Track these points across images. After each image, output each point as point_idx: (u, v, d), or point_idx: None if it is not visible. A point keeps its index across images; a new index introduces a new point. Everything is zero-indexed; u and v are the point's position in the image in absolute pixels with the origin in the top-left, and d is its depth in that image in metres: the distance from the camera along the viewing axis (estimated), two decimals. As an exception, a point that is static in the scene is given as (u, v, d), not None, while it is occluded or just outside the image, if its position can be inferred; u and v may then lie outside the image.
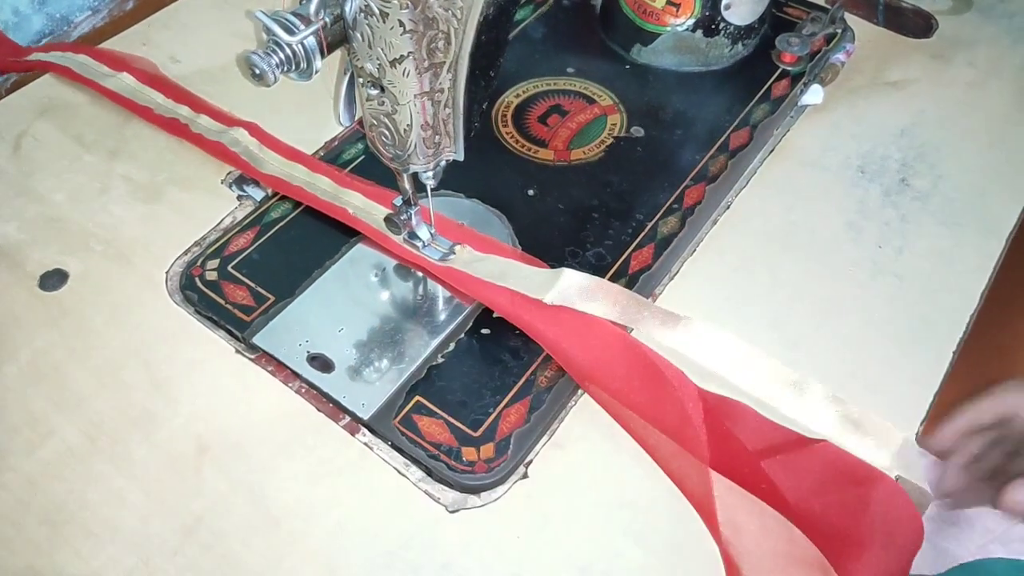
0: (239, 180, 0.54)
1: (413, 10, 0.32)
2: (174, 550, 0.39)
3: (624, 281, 0.48)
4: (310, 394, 0.44)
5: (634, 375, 0.42)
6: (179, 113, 0.56)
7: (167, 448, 0.42)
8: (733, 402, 0.42)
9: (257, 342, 0.45)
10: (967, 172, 0.55)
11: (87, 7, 0.67)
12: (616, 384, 0.42)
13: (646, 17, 0.60)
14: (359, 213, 0.49)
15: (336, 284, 0.48)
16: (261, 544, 0.39)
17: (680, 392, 0.41)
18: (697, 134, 0.57)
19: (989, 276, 0.50)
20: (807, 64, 0.60)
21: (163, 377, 0.45)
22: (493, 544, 0.39)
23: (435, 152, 0.40)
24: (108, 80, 0.58)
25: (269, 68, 0.34)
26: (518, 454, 0.41)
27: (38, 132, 0.57)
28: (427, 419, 0.42)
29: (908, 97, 0.60)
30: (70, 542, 0.39)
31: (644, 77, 0.61)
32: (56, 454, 0.42)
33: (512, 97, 0.59)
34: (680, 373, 0.42)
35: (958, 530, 1.31)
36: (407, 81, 0.35)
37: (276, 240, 0.50)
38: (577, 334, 0.43)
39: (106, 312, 0.47)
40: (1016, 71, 0.62)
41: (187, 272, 0.49)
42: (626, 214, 0.52)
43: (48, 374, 0.45)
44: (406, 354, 0.45)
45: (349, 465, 0.42)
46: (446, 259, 0.46)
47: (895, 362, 0.46)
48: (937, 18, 0.66)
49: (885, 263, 0.50)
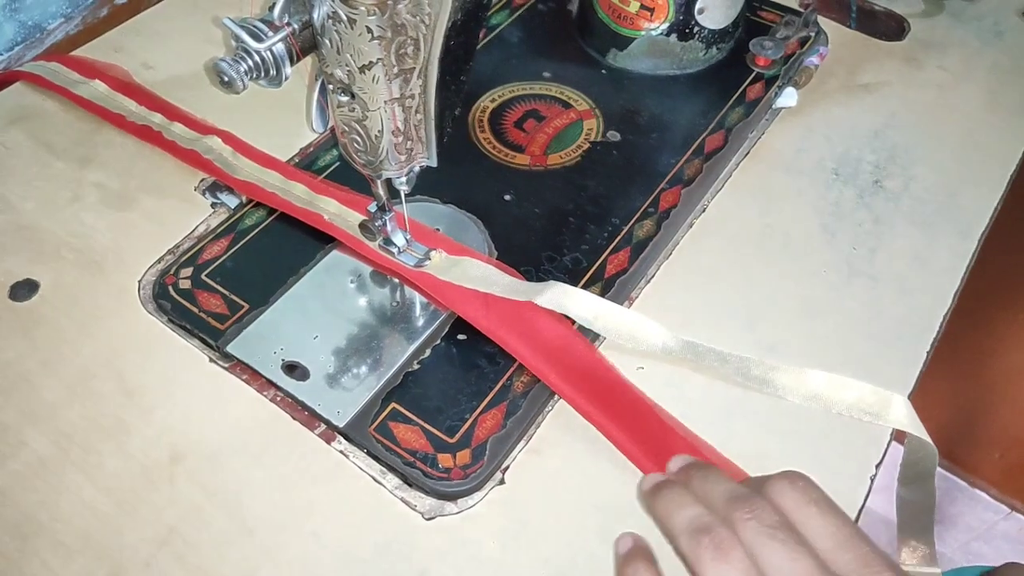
0: (213, 187, 0.53)
1: (381, 16, 0.32)
2: (146, 561, 0.38)
3: (600, 285, 0.48)
4: (285, 402, 0.44)
5: (601, 389, 0.43)
6: (152, 120, 0.56)
7: (140, 458, 0.42)
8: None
9: (231, 351, 0.45)
10: (939, 173, 0.56)
11: (60, 14, 0.66)
12: (584, 395, 0.43)
13: (621, 22, 0.60)
14: (334, 219, 0.49)
15: (311, 291, 0.48)
16: (236, 554, 0.39)
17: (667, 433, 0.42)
18: (672, 138, 0.57)
19: (962, 276, 0.50)
20: (781, 67, 0.61)
21: (136, 386, 0.44)
22: (470, 551, 0.39)
23: (407, 158, 0.40)
24: (80, 87, 0.58)
25: (237, 75, 0.34)
26: (494, 460, 0.41)
27: (8, 140, 0.56)
28: (403, 426, 0.42)
29: (881, 99, 0.60)
30: (40, 553, 0.39)
31: (620, 81, 0.61)
32: (26, 465, 0.41)
33: (488, 102, 0.59)
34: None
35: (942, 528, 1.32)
36: (377, 87, 0.35)
37: (250, 247, 0.50)
38: (551, 346, 0.43)
39: (78, 322, 0.47)
40: (986, 73, 0.63)
41: (160, 281, 0.48)
42: (602, 218, 0.52)
43: (18, 385, 0.44)
44: (382, 361, 0.45)
45: (325, 473, 0.41)
46: (421, 265, 0.46)
47: (870, 362, 0.46)
48: (909, 21, 0.67)
49: (859, 264, 0.50)
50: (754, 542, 0.31)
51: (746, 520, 0.32)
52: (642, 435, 0.42)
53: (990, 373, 1.07)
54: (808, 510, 0.32)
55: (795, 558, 0.31)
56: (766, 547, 0.31)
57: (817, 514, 0.32)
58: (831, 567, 0.31)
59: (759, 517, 0.32)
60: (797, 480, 0.33)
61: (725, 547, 0.32)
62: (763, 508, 0.32)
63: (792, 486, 0.33)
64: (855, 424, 0.42)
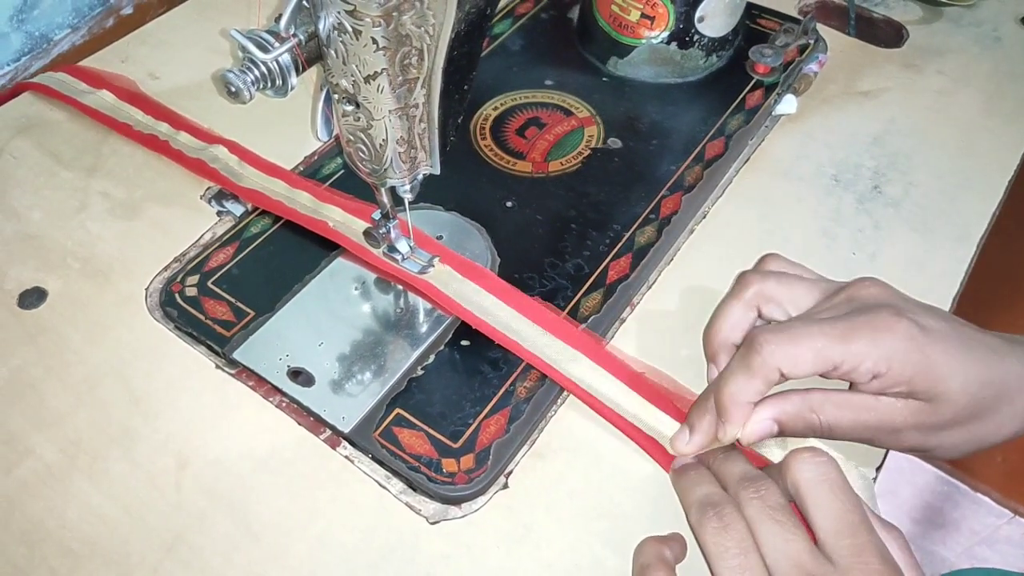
0: (218, 196, 0.54)
1: (386, 27, 0.33)
2: (154, 567, 0.39)
3: (602, 291, 0.49)
4: (291, 408, 0.44)
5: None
6: (158, 130, 0.56)
7: (147, 465, 0.42)
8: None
9: (237, 357, 0.45)
10: (938, 179, 0.56)
11: (67, 25, 0.67)
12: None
13: (622, 30, 0.61)
14: (339, 227, 0.49)
15: (316, 298, 0.48)
16: (242, 559, 0.39)
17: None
18: (673, 145, 0.57)
19: (961, 281, 0.51)
20: (780, 75, 0.61)
21: (142, 394, 0.45)
22: (474, 554, 0.39)
23: (411, 166, 0.40)
24: (87, 97, 0.58)
25: (244, 86, 0.35)
26: (498, 465, 0.42)
27: (16, 150, 0.57)
28: (407, 431, 0.43)
29: (880, 106, 0.61)
30: (48, 560, 0.39)
31: (621, 89, 0.62)
32: (34, 472, 0.42)
33: (490, 110, 0.60)
34: None
35: (945, 533, 1.32)
36: (381, 97, 0.36)
37: (256, 255, 0.50)
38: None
39: (85, 329, 0.47)
40: (984, 79, 0.63)
41: (167, 288, 0.49)
42: (604, 225, 0.52)
43: (26, 392, 0.45)
44: (386, 367, 0.45)
45: (330, 478, 0.42)
46: (425, 272, 0.47)
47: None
48: (908, 28, 0.67)
49: (859, 270, 0.51)
50: (755, 519, 0.34)
51: (751, 499, 0.34)
52: (656, 400, 0.43)
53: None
54: (820, 488, 0.34)
55: (789, 539, 0.33)
56: (764, 525, 0.33)
57: (828, 493, 0.34)
58: (825, 550, 0.33)
59: (764, 497, 0.34)
60: (818, 455, 0.35)
61: (727, 521, 0.34)
62: (770, 489, 0.35)
63: (812, 461, 0.35)
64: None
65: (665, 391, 0.43)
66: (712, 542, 0.34)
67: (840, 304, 0.38)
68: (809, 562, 0.32)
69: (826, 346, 0.35)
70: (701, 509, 0.35)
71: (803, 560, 0.32)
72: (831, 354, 0.35)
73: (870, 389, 0.36)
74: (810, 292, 0.40)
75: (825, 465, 0.35)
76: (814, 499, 0.34)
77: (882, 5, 0.69)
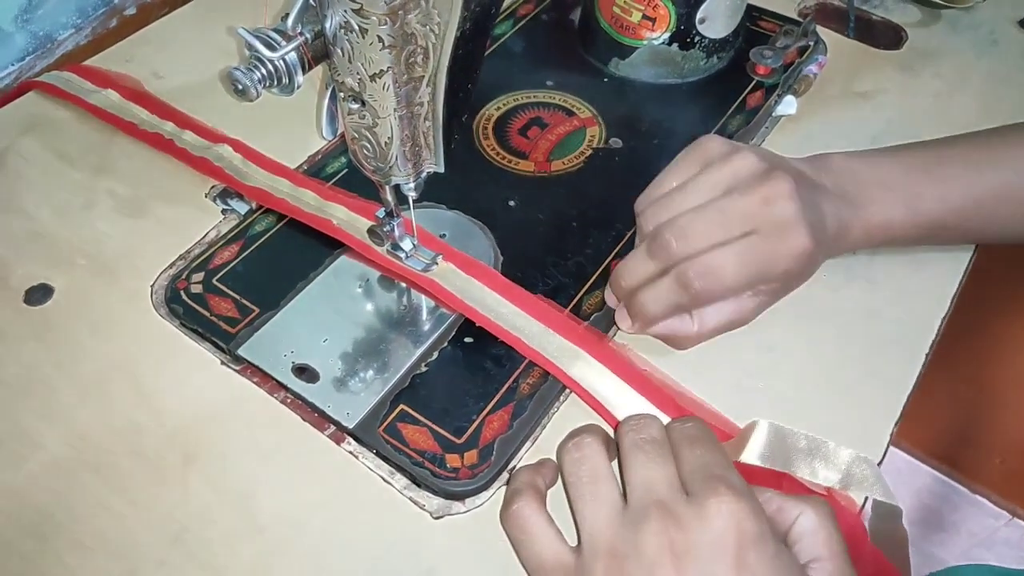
0: (223, 194, 0.54)
1: (392, 26, 0.33)
2: (161, 560, 0.39)
3: (604, 289, 0.49)
4: (295, 404, 0.44)
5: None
6: (164, 129, 0.57)
7: (153, 459, 0.42)
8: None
9: (242, 354, 0.46)
10: (936, 179, 0.56)
11: (71, 25, 0.67)
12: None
13: (623, 31, 0.61)
14: (343, 225, 0.50)
15: (320, 295, 0.49)
16: (247, 552, 0.39)
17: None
18: (674, 145, 0.57)
19: (960, 280, 0.51)
20: (781, 76, 0.62)
21: (149, 389, 0.45)
22: (477, 549, 0.40)
23: (416, 164, 0.40)
24: (93, 96, 0.59)
25: (251, 84, 0.35)
26: (501, 460, 0.42)
27: (22, 149, 0.57)
28: (411, 427, 0.43)
29: (878, 107, 0.61)
30: (58, 554, 0.39)
31: (622, 90, 0.62)
32: (43, 467, 0.42)
33: (493, 110, 0.60)
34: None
35: (944, 535, 1.31)
36: (387, 95, 0.36)
37: (261, 253, 0.51)
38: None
39: (91, 326, 0.48)
40: (981, 82, 0.64)
41: (172, 285, 0.49)
42: (605, 224, 0.53)
43: (34, 387, 0.45)
44: (390, 363, 0.46)
45: (334, 473, 0.42)
46: (428, 269, 0.47)
47: (868, 365, 0.47)
48: (906, 30, 0.68)
49: (858, 268, 0.51)
50: (626, 451, 0.36)
51: (627, 432, 0.37)
52: (656, 398, 0.44)
53: (990, 378, 1.07)
54: (690, 444, 0.36)
55: (650, 467, 0.35)
56: (630, 454, 0.36)
57: (695, 447, 0.36)
58: (683, 477, 0.34)
59: (637, 429, 0.37)
60: (687, 420, 0.38)
61: (584, 451, 0.37)
62: (648, 425, 0.37)
63: (680, 424, 0.38)
64: (855, 425, 0.43)
65: (666, 389, 0.44)
66: (567, 471, 0.37)
67: (719, 185, 0.43)
68: (665, 491, 0.34)
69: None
70: (564, 441, 0.38)
71: (657, 487, 0.34)
72: None
73: None
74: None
75: (693, 426, 0.37)
76: (682, 451, 0.36)
77: (881, 8, 0.70)
